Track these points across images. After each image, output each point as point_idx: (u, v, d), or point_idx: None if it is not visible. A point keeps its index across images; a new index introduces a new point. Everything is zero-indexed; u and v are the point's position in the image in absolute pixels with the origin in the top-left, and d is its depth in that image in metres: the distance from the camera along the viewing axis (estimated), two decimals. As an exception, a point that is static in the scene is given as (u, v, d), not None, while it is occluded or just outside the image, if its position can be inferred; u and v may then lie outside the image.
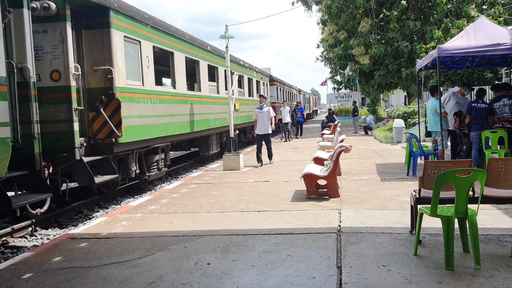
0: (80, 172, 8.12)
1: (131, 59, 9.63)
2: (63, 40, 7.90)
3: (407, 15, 22.93)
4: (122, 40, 9.15)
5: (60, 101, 7.97)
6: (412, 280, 3.92)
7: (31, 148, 6.59)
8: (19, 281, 4.40)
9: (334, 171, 7.68)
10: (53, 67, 7.96)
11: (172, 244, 5.34)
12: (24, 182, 6.81)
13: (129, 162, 9.76)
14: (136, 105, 9.60)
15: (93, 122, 8.67)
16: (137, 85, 9.80)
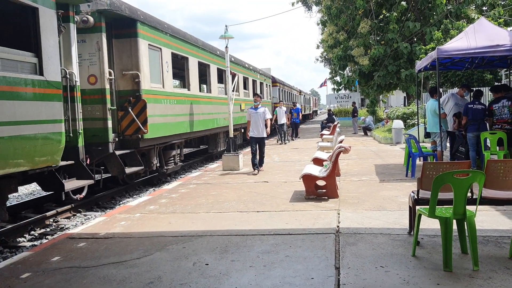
0: (113, 163, 9.30)
1: (154, 65, 10.73)
2: (99, 48, 9.06)
3: (407, 16, 22.94)
4: (146, 48, 10.29)
5: (96, 101, 9.10)
6: (410, 281, 3.92)
7: (76, 142, 7.74)
8: (17, 281, 4.40)
9: (333, 172, 7.69)
10: (90, 72, 9.09)
11: (171, 245, 5.34)
12: (69, 170, 7.84)
13: (151, 156, 10.88)
14: (158, 105, 10.72)
15: (122, 120, 9.73)
16: (159, 87, 10.93)
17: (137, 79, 9.82)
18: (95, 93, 9.09)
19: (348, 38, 25.27)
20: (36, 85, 6.38)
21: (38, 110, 6.42)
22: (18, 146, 5.98)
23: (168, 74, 11.46)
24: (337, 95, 36.87)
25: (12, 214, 8.27)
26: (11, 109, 5.84)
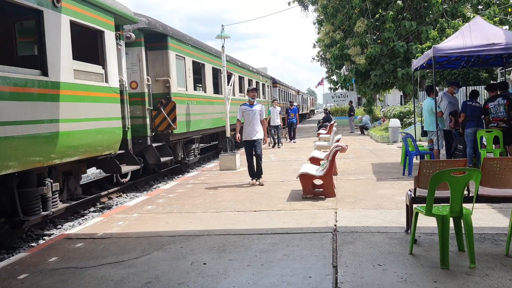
0: (151, 154, 11.15)
1: (180, 71, 12.60)
2: (139, 59, 11.00)
3: (403, 15, 23.01)
4: (174, 57, 12.20)
5: (137, 103, 10.91)
6: (408, 279, 3.93)
7: (126, 135, 9.37)
8: (14, 282, 4.39)
9: (330, 171, 7.70)
10: (132, 79, 10.91)
11: (168, 244, 5.34)
12: (120, 158, 9.39)
13: (177, 148, 12.76)
14: (183, 106, 12.49)
15: (155, 118, 11.53)
16: (183, 90, 12.77)
17: (167, 84, 11.69)
18: (136, 96, 10.92)
19: (344, 37, 25.33)
20: (104, 91, 8.36)
21: (107, 109, 8.34)
22: (95, 137, 7.91)
23: (190, 79, 13.28)
24: (333, 94, 36.92)
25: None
26: (92, 109, 7.82)
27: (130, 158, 9.72)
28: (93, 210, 9.14)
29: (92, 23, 8.00)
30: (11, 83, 5.86)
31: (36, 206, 6.88)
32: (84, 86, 7.63)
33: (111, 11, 8.60)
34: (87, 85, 7.73)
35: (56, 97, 6.86)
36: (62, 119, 6.92)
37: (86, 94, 7.70)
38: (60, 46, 7.05)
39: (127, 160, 9.64)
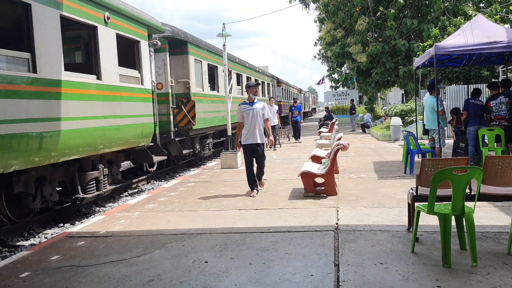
0: (174, 146, 12.60)
1: (197, 73, 14.18)
2: (164, 63, 12.51)
3: (404, 13, 22.96)
4: (193, 61, 13.81)
5: (163, 102, 12.28)
6: (409, 277, 3.93)
7: (155, 130, 10.76)
8: (17, 280, 4.39)
9: (332, 169, 7.70)
10: (158, 80, 12.04)
11: (170, 243, 5.35)
12: (150, 150, 10.85)
13: (195, 142, 14.34)
14: (200, 104, 13.88)
15: (177, 115, 13.04)
16: (200, 90, 14.26)
17: (187, 85, 13.32)
18: (162, 96, 12.26)
19: (345, 35, 25.30)
20: (140, 92, 9.87)
21: (142, 108, 9.92)
22: (134, 131, 9.47)
23: (205, 80, 14.75)
24: (335, 93, 36.94)
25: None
26: (130, 108, 9.29)
27: (158, 150, 11.27)
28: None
29: (131, 34, 9.61)
30: (80, 86, 7.62)
31: (92, 187, 8.53)
32: (126, 88, 9.22)
33: (145, 24, 10.28)
34: (128, 87, 9.33)
35: (107, 97, 8.45)
36: (112, 116, 8.57)
37: (127, 95, 9.26)
38: (109, 55, 8.56)
39: (155, 152, 11.14)
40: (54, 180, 7.74)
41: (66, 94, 7.16)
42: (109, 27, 8.55)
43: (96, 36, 8.16)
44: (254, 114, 8.07)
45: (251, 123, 8.06)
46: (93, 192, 8.51)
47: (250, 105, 8.16)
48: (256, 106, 8.17)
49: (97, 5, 8.19)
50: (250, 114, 8.07)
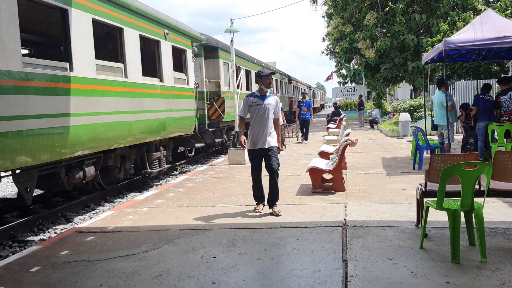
0: (208, 135, 14.73)
1: (225, 74, 16.51)
2: (200, 66, 14.79)
3: (413, 8, 22.81)
4: (222, 64, 16.22)
5: (200, 98, 14.30)
6: (418, 273, 3.92)
7: (195, 122, 13.07)
8: (27, 274, 4.44)
9: (340, 165, 7.68)
10: (196, 81, 13.74)
11: (178, 238, 5.37)
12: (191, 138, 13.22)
13: (223, 133, 16.59)
14: (228, 100, 15.69)
15: (209, 110, 15.27)
16: (228, 89, 16.33)
17: (218, 84, 15.63)
18: (199, 94, 14.12)
19: (354, 30, 25.18)
20: (187, 91, 12.36)
21: (188, 103, 12.40)
22: (183, 122, 11.93)
23: (232, 79, 15.71)
24: (343, 88, 36.78)
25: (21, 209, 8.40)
26: (181, 103, 11.75)
27: (198, 138, 13.67)
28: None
29: (181, 45, 12.05)
30: (151, 87, 10.10)
31: (156, 164, 10.99)
32: (178, 88, 11.64)
33: (190, 36, 12.79)
34: (179, 87, 11.75)
35: (167, 95, 10.85)
36: (169, 110, 10.94)
37: (179, 93, 11.62)
38: (168, 62, 10.92)
39: (195, 140, 13.42)
40: (131, 158, 10.27)
41: (143, 93, 9.64)
42: (167, 41, 11.04)
43: (159, 48, 10.61)
44: (266, 111, 6.35)
45: (260, 121, 6.35)
46: (157, 168, 11.01)
47: (261, 99, 6.42)
48: (269, 101, 6.41)
49: (161, 25, 10.78)
50: (260, 110, 6.35)
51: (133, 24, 9.33)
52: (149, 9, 10.12)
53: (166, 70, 10.78)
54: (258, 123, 6.37)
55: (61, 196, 9.64)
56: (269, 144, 6.36)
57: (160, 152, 11.10)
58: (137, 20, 9.55)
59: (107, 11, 8.39)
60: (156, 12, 10.55)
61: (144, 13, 9.83)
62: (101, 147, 8.22)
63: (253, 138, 6.40)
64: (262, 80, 6.47)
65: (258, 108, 6.39)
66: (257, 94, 6.49)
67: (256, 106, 6.40)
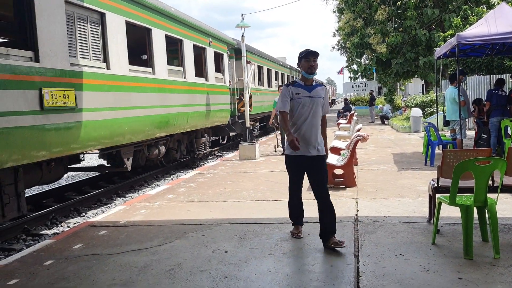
0: (238, 126, 16.63)
1: (253, 74, 17.07)
2: (232, 67, 16.96)
3: (425, 3, 22.59)
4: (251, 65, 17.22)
5: (231, 94, 16.38)
6: (430, 269, 3.91)
7: (229, 114, 15.31)
8: (41, 268, 4.49)
9: (351, 161, 7.66)
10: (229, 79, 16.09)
11: (190, 232, 5.40)
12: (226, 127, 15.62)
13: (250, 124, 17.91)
14: (254, 96, 17.39)
15: (238, 104, 16.95)
16: (253, 86, 17.79)
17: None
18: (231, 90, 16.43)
19: (365, 25, 25.01)
20: (223, 88, 14.71)
21: (225, 98, 14.80)
22: (221, 114, 14.27)
23: (257, 77, 19.48)
24: (354, 84, 36.60)
25: (33, 203, 8.51)
26: (220, 98, 14.13)
27: (230, 128, 15.82)
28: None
29: (220, 50, 14.43)
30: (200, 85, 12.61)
31: (202, 148, 13.57)
32: (218, 85, 14.04)
33: (226, 42, 15.28)
34: (219, 84, 14.14)
35: (210, 92, 13.21)
36: (212, 104, 13.28)
37: (219, 90, 14.05)
38: (211, 65, 13.41)
39: (229, 129, 15.61)
40: (184, 142, 12.47)
41: (195, 90, 12.13)
42: (211, 47, 13.50)
43: (205, 54, 13.18)
44: (313, 106, 4.72)
45: (305, 119, 4.71)
46: (203, 151, 13.55)
47: (306, 89, 4.75)
48: (317, 93, 4.77)
49: (206, 35, 13.32)
50: (305, 105, 4.71)
51: (189, 36, 11.91)
52: (200, 23, 12.81)
53: (210, 71, 13.30)
54: (302, 122, 4.73)
55: (74, 190, 9.74)
56: (318, 151, 4.73)
57: (205, 138, 13.72)
58: (191, 33, 12.11)
59: (174, 28, 10.98)
60: (204, 25, 13.19)
61: (196, 27, 12.44)
62: (169, 132, 10.72)
63: (308, 139, 4.73)
64: (301, 63, 4.79)
65: (302, 101, 4.72)
66: (301, 83, 4.79)
67: (299, 100, 4.73)
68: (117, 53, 8.34)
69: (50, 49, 6.53)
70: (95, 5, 7.71)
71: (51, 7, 6.58)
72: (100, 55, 8.01)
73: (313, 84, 4.82)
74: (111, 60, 8.16)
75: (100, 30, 8.00)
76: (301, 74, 4.86)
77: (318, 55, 4.77)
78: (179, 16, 11.27)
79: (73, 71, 7.07)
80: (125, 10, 8.67)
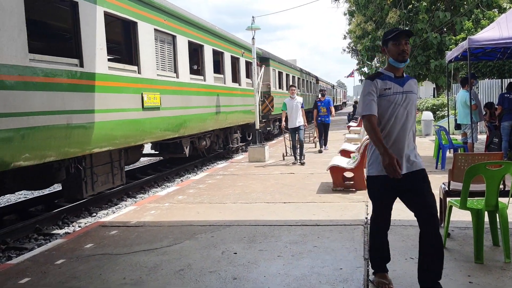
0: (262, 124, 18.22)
1: (274, 78, 20.95)
2: (258, 73, 15.46)
3: (437, 6, 22.47)
4: (273, 71, 20.60)
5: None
6: (440, 272, 3.89)
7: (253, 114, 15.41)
8: (52, 267, 4.54)
9: (362, 164, 7.63)
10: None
11: (199, 233, 5.42)
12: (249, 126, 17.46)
13: (270, 124, 20.78)
14: (276, 98, 19.69)
15: (261, 105, 18.39)
16: (275, 89, 20.76)
17: (269, 86, 19.66)
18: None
19: (376, 28, 24.94)
20: (251, 91, 15.49)
21: (251, 100, 15.06)
22: (248, 113, 16.11)
23: (277, 82, 21.75)
24: (364, 87, 36.56)
25: (46, 203, 8.59)
26: (249, 100, 15.90)
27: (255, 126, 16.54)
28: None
29: (249, 59, 15.69)
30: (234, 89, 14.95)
31: (235, 142, 16.02)
32: (248, 89, 16.23)
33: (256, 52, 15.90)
34: (248, 89, 16.29)
35: (242, 95, 15.61)
36: (242, 104, 15.55)
37: (248, 93, 16.05)
38: (243, 72, 15.47)
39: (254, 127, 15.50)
40: (221, 136, 14.83)
41: (232, 93, 14.61)
42: (243, 57, 15.95)
43: (239, 63, 15.66)
44: (408, 104, 3.52)
45: (398, 124, 3.50)
46: (236, 145, 15.98)
47: (397, 83, 3.53)
48: (410, 87, 3.58)
49: (240, 47, 15.62)
50: (397, 103, 3.50)
51: (228, 49, 14.41)
52: (236, 38, 15.41)
53: (242, 77, 15.64)
54: (394, 128, 3.50)
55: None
56: (415, 164, 3.52)
57: (237, 133, 16.13)
58: (229, 46, 14.56)
59: (217, 43, 13.41)
60: (238, 39, 15.65)
61: (233, 41, 14.97)
62: (214, 127, 13.07)
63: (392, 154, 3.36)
64: (388, 48, 3.56)
65: (394, 99, 3.50)
66: (389, 75, 3.57)
67: (390, 97, 3.50)
68: (182, 65, 10.72)
69: (147, 64, 8.99)
70: (171, 30, 10.18)
71: (147, 32, 9.05)
72: (172, 67, 10.39)
73: (404, 76, 3.62)
74: (179, 70, 10.53)
75: (172, 48, 10.39)
76: (388, 63, 3.61)
77: (412, 35, 3.67)
78: (222, 33, 13.84)
79: (158, 80, 9.49)
80: (188, 32, 11.21)
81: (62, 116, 6.46)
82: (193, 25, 11.55)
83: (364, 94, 3.54)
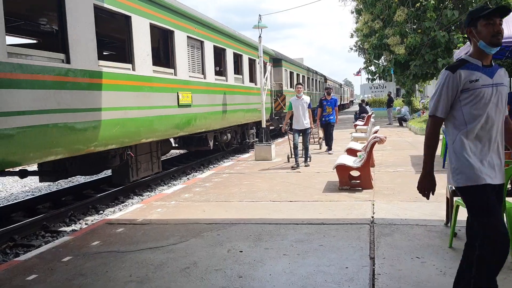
0: (274, 121, 20.02)
1: (286, 77, 22.24)
2: (270, 73, 17.58)
3: (445, 4, 22.32)
4: (284, 71, 21.78)
5: (268, 95, 18.41)
6: (447, 272, 3.87)
7: (269, 111, 18.79)
8: (59, 264, 4.57)
9: (368, 163, 7.62)
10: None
11: (206, 232, 5.43)
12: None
13: (282, 121, 19.59)
14: (288, 97, 18.65)
15: (274, 103, 19.90)
16: (286, 88, 21.88)
17: (281, 85, 21.05)
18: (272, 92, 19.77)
19: (383, 26, 24.78)
20: (267, 90, 16.20)
21: (267, 99, 17.18)
22: (259, 112, 15.28)
23: (289, 81, 23.02)
24: (371, 85, 36.34)
25: (54, 200, 8.65)
26: (256, 99, 15.63)
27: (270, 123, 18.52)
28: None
29: (264, 60, 15.21)
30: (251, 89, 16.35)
31: (251, 137, 17.13)
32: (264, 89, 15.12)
33: (268, 54, 18.52)
34: (252, 87, 16.57)
35: (258, 94, 15.18)
36: (257, 103, 15.41)
37: (252, 92, 16.40)
38: (259, 73, 14.04)
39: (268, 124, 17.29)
40: (238, 132, 15.97)
41: (249, 92, 15.95)
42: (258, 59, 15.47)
43: (255, 64, 16.72)
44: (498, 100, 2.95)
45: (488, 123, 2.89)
46: (252, 140, 16.98)
47: (486, 74, 2.93)
48: (501, 78, 3.00)
49: (256, 50, 15.21)
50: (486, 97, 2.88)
51: (245, 52, 15.82)
52: (253, 41, 16.34)
53: (260, 79, 15.62)
54: (483, 128, 2.90)
55: (92, 189, 9.87)
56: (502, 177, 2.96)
57: (253, 129, 17.29)
58: (247, 48, 16.08)
59: (237, 46, 14.82)
60: (254, 41, 16.13)
61: (251, 44, 16.25)
62: (234, 123, 14.48)
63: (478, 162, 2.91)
64: (477, 28, 2.93)
65: (483, 93, 2.88)
66: (476, 63, 2.94)
67: (478, 90, 2.87)
68: (209, 67, 12.09)
69: (181, 67, 10.31)
70: (199, 37, 11.50)
71: (182, 39, 10.39)
72: (200, 69, 11.71)
73: (493, 65, 2.98)
74: (206, 72, 11.89)
75: (201, 52, 11.73)
76: (476, 47, 2.95)
77: (510, 12, 2.95)
78: (241, 38, 15.16)
79: (190, 80, 10.82)
80: (213, 38, 12.56)
81: (121, 111, 7.82)
82: (217, 31, 12.87)
83: (441, 87, 2.91)
